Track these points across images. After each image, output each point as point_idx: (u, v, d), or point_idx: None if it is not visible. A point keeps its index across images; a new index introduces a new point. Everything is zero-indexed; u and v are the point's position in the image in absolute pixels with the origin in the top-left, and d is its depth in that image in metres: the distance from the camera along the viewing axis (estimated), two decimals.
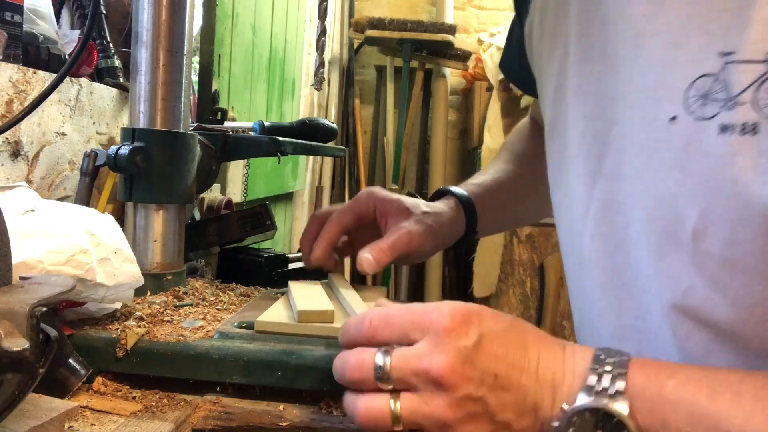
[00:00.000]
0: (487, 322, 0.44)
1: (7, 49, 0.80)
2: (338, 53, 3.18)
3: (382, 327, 0.45)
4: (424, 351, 0.42)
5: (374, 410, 0.43)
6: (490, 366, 0.42)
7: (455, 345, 0.42)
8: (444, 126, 3.20)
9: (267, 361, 0.55)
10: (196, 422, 0.53)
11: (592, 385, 0.42)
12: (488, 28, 3.25)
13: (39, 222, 0.55)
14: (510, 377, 0.43)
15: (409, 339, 0.44)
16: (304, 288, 0.68)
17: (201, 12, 1.54)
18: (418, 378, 0.42)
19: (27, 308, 0.39)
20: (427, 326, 0.43)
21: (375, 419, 0.43)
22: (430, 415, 0.42)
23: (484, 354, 0.42)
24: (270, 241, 1.42)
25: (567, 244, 0.64)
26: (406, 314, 0.45)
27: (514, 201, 0.88)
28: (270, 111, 2.12)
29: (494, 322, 0.44)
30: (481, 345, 0.43)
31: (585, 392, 0.42)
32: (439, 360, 0.42)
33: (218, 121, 1.47)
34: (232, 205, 1.19)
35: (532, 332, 0.46)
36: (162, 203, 0.76)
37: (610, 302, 0.55)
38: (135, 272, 0.60)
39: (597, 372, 0.42)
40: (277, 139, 0.92)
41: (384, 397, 0.43)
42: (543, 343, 0.45)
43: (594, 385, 0.42)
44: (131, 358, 0.56)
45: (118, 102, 1.02)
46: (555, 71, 0.60)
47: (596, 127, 0.54)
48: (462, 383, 0.42)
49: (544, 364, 0.44)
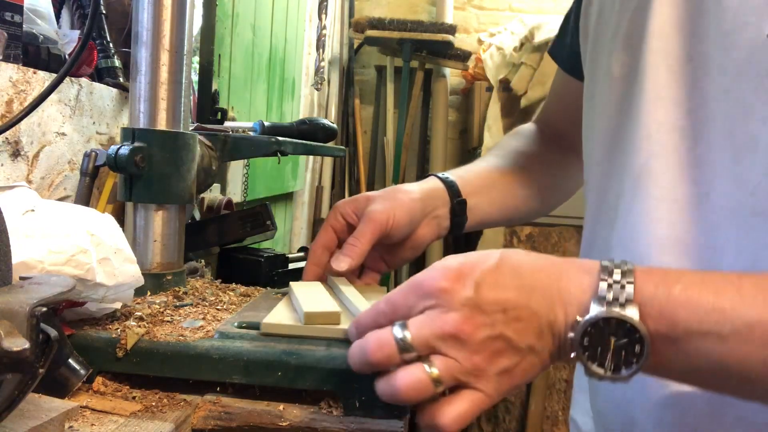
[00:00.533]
0: (479, 269, 0.46)
1: (7, 49, 0.79)
2: (338, 53, 3.18)
3: (389, 310, 0.48)
4: (434, 314, 0.45)
5: (414, 381, 0.45)
6: (496, 305, 0.45)
7: (458, 300, 0.45)
8: (444, 126, 3.20)
9: (267, 361, 0.55)
10: (196, 422, 0.53)
11: (603, 296, 0.44)
12: (488, 28, 3.25)
13: (39, 222, 0.55)
14: (518, 308, 0.45)
15: (417, 310, 0.46)
16: (307, 289, 0.68)
17: (201, 12, 1.54)
18: (438, 339, 0.45)
19: (27, 308, 0.39)
20: (427, 293, 0.46)
21: (418, 389, 0.45)
22: (462, 367, 0.45)
23: (487, 297, 0.45)
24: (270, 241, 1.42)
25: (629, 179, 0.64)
26: (405, 291, 0.48)
27: (501, 188, 0.87)
28: (270, 111, 2.12)
29: (484, 265, 0.46)
30: (481, 291, 0.45)
31: (596, 303, 0.44)
32: (450, 318, 0.44)
33: (218, 121, 1.47)
34: (232, 205, 1.19)
35: (526, 261, 0.48)
36: (162, 203, 0.76)
37: (686, 200, 0.57)
38: (135, 272, 0.60)
39: (607, 282, 0.45)
40: (277, 139, 0.92)
41: (418, 366, 0.45)
42: (539, 267, 0.47)
43: (605, 295, 0.44)
44: (131, 358, 0.56)
45: (118, 102, 1.02)
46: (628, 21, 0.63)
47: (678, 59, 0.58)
48: (478, 330, 0.44)
49: (547, 285, 0.46)
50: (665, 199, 0.58)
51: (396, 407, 0.55)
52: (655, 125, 0.59)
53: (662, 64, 0.59)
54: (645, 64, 0.60)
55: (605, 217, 0.66)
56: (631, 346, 0.44)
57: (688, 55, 0.58)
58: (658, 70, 0.59)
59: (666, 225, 0.58)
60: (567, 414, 2.69)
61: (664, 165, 0.59)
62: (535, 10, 3.34)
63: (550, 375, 2.70)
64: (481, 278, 0.45)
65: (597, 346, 0.44)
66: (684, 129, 0.58)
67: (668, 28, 0.59)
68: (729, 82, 0.54)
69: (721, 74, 0.55)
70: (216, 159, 0.87)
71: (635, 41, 0.62)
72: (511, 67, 2.80)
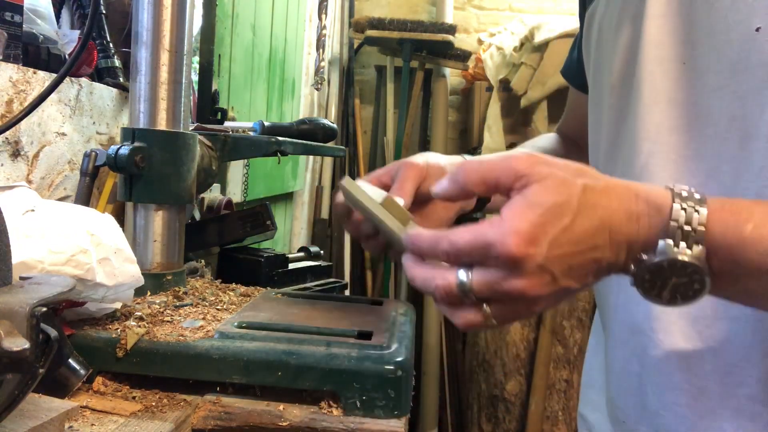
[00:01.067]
0: (552, 228, 0.45)
1: (7, 49, 0.79)
2: (338, 53, 3.18)
3: (452, 254, 0.47)
4: (501, 276, 0.45)
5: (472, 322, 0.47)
6: (565, 264, 0.45)
7: (529, 268, 0.44)
8: (444, 126, 3.20)
9: (267, 361, 0.55)
10: (196, 422, 0.53)
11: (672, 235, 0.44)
12: (488, 28, 3.25)
13: (39, 222, 0.55)
14: (584, 261, 0.45)
15: (483, 264, 0.46)
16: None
17: (201, 12, 1.54)
18: (500, 295, 0.46)
19: (27, 308, 0.39)
20: (496, 257, 0.45)
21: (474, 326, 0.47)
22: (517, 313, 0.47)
23: (557, 259, 0.45)
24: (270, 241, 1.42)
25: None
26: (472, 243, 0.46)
27: None
28: (270, 111, 2.12)
29: (559, 220, 0.45)
30: (552, 254, 0.45)
31: (664, 242, 0.44)
32: (517, 284, 0.45)
33: (218, 121, 1.47)
34: (232, 205, 1.19)
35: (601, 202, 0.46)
36: (162, 203, 0.76)
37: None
38: (135, 272, 0.60)
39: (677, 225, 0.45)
40: (277, 139, 0.92)
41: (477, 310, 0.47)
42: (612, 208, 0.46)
43: (674, 235, 0.44)
44: (131, 358, 0.56)
45: (118, 102, 1.02)
46: (627, 34, 0.66)
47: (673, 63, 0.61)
48: (543, 290, 0.45)
49: (616, 228, 0.45)
50: None
51: (396, 407, 0.55)
52: (654, 127, 0.62)
53: (658, 69, 0.62)
54: (642, 70, 0.63)
55: None
56: (692, 283, 0.45)
57: (682, 59, 0.61)
58: (654, 75, 0.62)
59: None
60: (567, 414, 2.69)
61: (663, 162, 0.61)
62: (535, 10, 3.33)
63: (551, 375, 2.70)
64: (554, 239, 0.44)
65: (657, 282, 0.45)
66: (681, 127, 0.60)
67: (662, 36, 0.62)
68: (724, 78, 0.57)
69: (716, 73, 0.57)
70: (216, 159, 0.87)
71: (632, 50, 0.65)
72: (511, 67, 2.80)
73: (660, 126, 0.62)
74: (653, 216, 0.46)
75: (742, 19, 0.55)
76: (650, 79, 0.63)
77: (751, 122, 0.55)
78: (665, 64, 0.62)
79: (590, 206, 0.45)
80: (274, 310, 0.69)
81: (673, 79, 0.61)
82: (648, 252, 0.45)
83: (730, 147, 0.57)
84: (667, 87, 0.62)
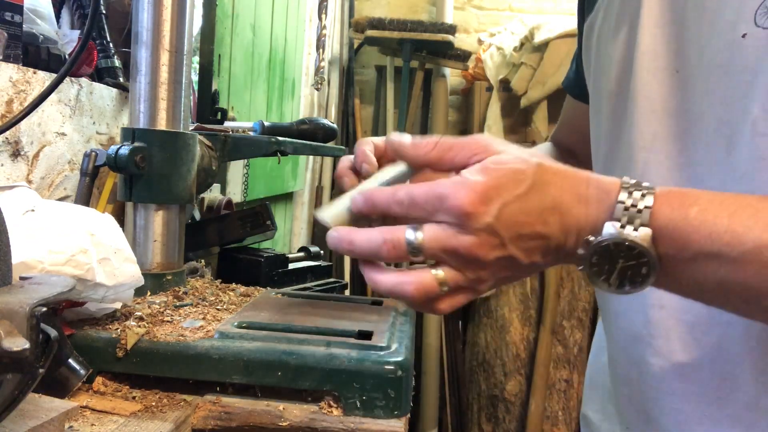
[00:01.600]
0: (506, 191, 0.46)
1: (7, 49, 0.79)
2: (338, 53, 3.18)
3: (407, 204, 0.48)
4: (451, 232, 0.46)
5: (425, 287, 0.47)
6: (513, 230, 0.46)
7: (477, 226, 0.45)
8: (444, 126, 3.20)
9: (267, 361, 0.55)
10: (196, 422, 0.53)
11: (618, 218, 0.45)
12: (488, 28, 3.25)
13: (39, 222, 0.55)
14: (533, 234, 0.46)
15: (434, 219, 0.47)
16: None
17: (201, 12, 1.54)
18: (449, 255, 0.46)
19: (27, 308, 0.39)
20: (448, 210, 0.46)
21: (427, 293, 0.47)
22: (467, 278, 0.47)
23: (507, 222, 0.46)
24: (270, 241, 1.42)
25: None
26: (428, 195, 0.47)
27: None
28: (270, 111, 2.12)
29: (514, 187, 0.46)
30: (502, 216, 0.45)
31: (611, 224, 0.45)
32: (465, 240, 0.45)
33: (218, 121, 1.47)
34: (232, 205, 1.19)
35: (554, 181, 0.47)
36: (162, 203, 0.76)
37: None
38: (135, 272, 0.60)
39: (624, 205, 0.45)
40: (277, 139, 0.92)
41: (427, 273, 0.47)
42: (564, 189, 0.47)
43: (620, 217, 0.45)
44: (131, 358, 0.56)
45: (118, 102, 1.02)
46: (622, 44, 0.67)
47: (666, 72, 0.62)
48: (490, 253, 0.46)
49: (566, 210, 0.46)
50: None
51: (396, 407, 0.55)
52: (650, 136, 0.63)
53: (653, 79, 0.63)
54: (637, 80, 0.64)
55: None
56: (639, 267, 0.45)
57: (676, 68, 0.61)
58: (649, 85, 0.63)
59: None
60: (567, 414, 2.69)
61: (660, 171, 0.61)
62: (535, 10, 3.33)
63: (551, 375, 2.70)
64: (505, 204, 0.45)
65: (604, 265, 0.46)
66: (676, 135, 0.61)
67: (656, 45, 0.63)
68: (712, 84, 0.57)
69: (705, 79, 0.58)
70: (216, 159, 0.87)
71: (628, 59, 0.66)
72: (511, 67, 2.80)
73: (656, 135, 0.62)
74: (602, 200, 0.46)
75: (729, 26, 0.56)
76: (645, 89, 0.63)
77: (736, 128, 0.55)
78: (660, 73, 0.63)
79: (544, 182, 0.47)
80: (274, 310, 0.69)
81: (667, 87, 0.62)
82: (596, 235, 0.46)
83: (717, 153, 0.57)
84: (662, 96, 0.62)
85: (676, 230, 0.45)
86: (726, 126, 0.56)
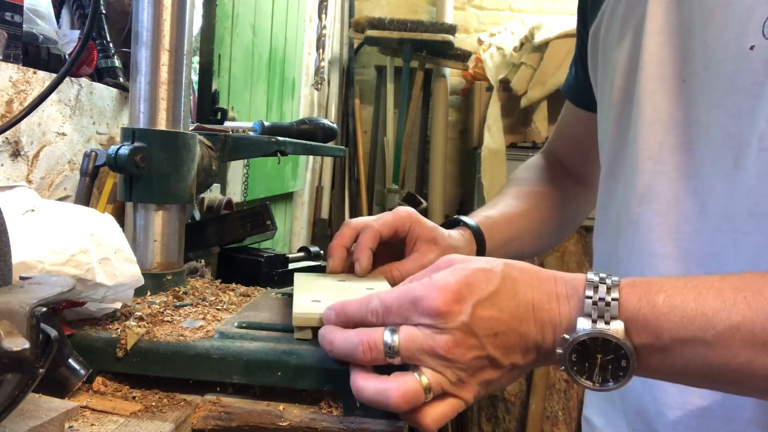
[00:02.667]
0: (478, 291, 0.47)
1: (7, 49, 0.79)
2: (338, 53, 3.18)
3: (381, 312, 0.49)
4: (427, 333, 0.46)
5: (409, 392, 0.46)
6: (489, 328, 0.46)
7: (453, 325, 0.46)
8: (444, 126, 3.20)
9: (267, 361, 0.55)
10: (196, 422, 0.53)
11: (589, 313, 0.46)
12: (488, 28, 3.25)
13: (39, 222, 0.55)
14: (509, 331, 0.47)
15: (410, 322, 0.47)
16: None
17: (201, 12, 1.54)
18: (427, 355, 0.46)
19: (27, 308, 0.39)
20: (423, 312, 0.47)
21: (411, 399, 0.46)
22: (449, 381, 0.47)
23: (482, 320, 0.46)
24: (270, 241, 1.42)
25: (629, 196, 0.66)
26: (401, 299, 0.48)
27: (519, 236, 0.90)
28: (270, 111, 2.12)
29: (485, 284, 0.47)
30: (477, 314, 0.46)
31: (583, 320, 0.46)
32: (441, 339, 0.46)
33: (218, 121, 1.47)
34: (232, 205, 1.19)
35: (522, 278, 0.48)
36: (162, 203, 0.76)
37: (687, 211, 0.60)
38: (135, 272, 0.60)
39: (592, 299, 0.46)
40: (277, 139, 0.92)
41: (411, 377, 0.47)
42: (534, 286, 0.48)
43: (590, 312, 0.46)
44: (131, 358, 0.56)
45: (118, 102, 1.02)
46: (627, 50, 0.67)
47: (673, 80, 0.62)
48: (467, 352, 0.46)
49: (539, 306, 0.47)
50: (669, 214, 0.60)
51: None
52: (656, 146, 0.62)
53: (659, 87, 0.62)
54: (642, 87, 0.63)
55: (607, 232, 0.70)
56: (618, 360, 0.46)
57: (683, 77, 0.61)
58: (656, 94, 0.62)
59: (669, 239, 0.60)
60: (567, 414, 2.69)
61: (667, 183, 0.61)
62: (535, 10, 3.33)
63: (550, 375, 2.70)
64: (479, 302, 0.46)
65: (584, 362, 0.46)
66: (683, 145, 0.60)
67: (662, 52, 0.62)
68: (720, 95, 0.57)
69: (713, 90, 0.57)
70: (216, 159, 0.87)
71: (632, 66, 0.65)
72: (511, 67, 2.80)
73: (662, 145, 0.61)
74: (571, 296, 0.47)
75: (736, 38, 0.55)
76: (651, 97, 0.63)
77: (744, 140, 0.55)
78: (666, 82, 0.62)
79: (513, 279, 0.48)
80: (274, 310, 0.69)
81: (673, 96, 0.61)
82: (570, 332, 0.46)
83: (724, 165, 0.56)
84: (669, 104, 0.61)
85: (646, 319, 0.45)
86: (733, 138, 0.56)
